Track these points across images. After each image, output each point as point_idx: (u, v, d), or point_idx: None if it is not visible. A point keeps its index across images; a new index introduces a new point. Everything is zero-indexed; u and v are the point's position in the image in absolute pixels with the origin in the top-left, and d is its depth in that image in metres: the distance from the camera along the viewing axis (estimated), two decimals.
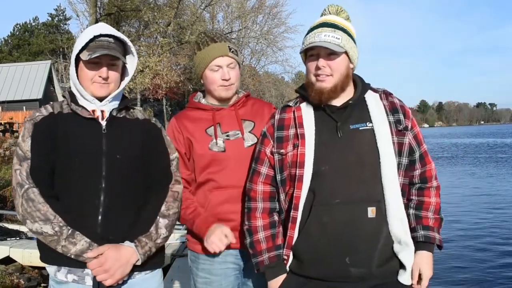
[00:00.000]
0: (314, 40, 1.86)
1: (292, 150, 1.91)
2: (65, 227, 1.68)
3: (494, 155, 30.38)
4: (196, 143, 2.13)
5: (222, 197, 2.12)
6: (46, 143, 1.77)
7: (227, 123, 2.17)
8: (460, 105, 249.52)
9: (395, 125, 1.91)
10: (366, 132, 1.88)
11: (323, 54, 1.87)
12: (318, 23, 1.93)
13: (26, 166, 1.73)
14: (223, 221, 2.12)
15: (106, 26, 1.89)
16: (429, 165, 2.00)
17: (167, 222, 1.86)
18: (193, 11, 23.00)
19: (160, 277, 1.96)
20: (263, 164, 2.00)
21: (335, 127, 1.89)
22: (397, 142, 1.89)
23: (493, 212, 11.63)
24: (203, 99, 2.26)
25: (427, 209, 1.97)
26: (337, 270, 1.85)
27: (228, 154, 2.12)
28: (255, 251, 1.98)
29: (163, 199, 1.88)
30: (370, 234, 1.84)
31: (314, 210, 1.85)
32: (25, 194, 1.70)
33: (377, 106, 1.93)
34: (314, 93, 1.90)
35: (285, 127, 1.97)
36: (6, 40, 48.27)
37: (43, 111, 1.85)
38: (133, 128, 1.92)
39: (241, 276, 2.22)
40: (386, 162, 1.85)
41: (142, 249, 1.77)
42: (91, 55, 1.77)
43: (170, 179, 1.94)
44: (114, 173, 1.81)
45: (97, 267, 1.70)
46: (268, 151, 1.99)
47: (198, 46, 2.18)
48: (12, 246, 6.93)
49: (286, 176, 1.94)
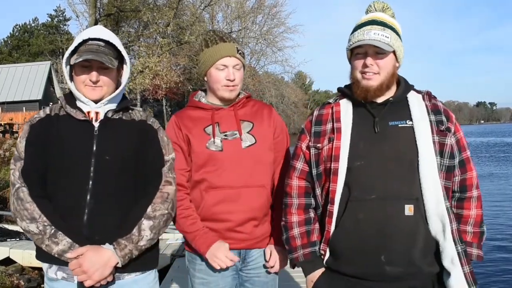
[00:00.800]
0: (363, 37, 1.84)
1: (328, 144, 1.90)
2: (49, 227, 1.73)
3: (495, 154, 30.36)
4: (194, 141, 2.13)
5: (217, 197, 2.12)
6: (39, 144, 1.82)
7: (225, 123, 2.17)
8: (460, 104, 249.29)
9: (437, 124, 1.86)
10: (405, 129, 1.85)
11: (371, 52, 1.85)
12: (366, 20, 1.90)
13: (19, 166, 1.79)
14: (218, 221, 2.12)
15: (100, 29, 1.89)
16: (470, 172, 1.92)
17: (152, 224, 1.84)
18: (192, 12, 22.98)
19: (153, 278, 1.96)
20: (299, 160, 2.01)
21: (373, 122, 1.87)
22: (438, 141, 1.84)
23: (496, 210, 11.63)
24: (203, 98, 2.26)
25: (466, 222, 1.90)
26: (371, 268, 1.81)
27: (225, 154, 2.11)
28: (290, 247, 1.99)
29: (151, 200, 1.87)
30: (406, 232, 1.79)
31: (349, 205, 1.83)
32: (16, 193, 1.76)
33: (419, 106, 1.90)
34: (360, 90, 1.88)
35: (322, 122, 1.97)
36: (5, 41, 48.27)
37: (41, 113, 1.90)
38: (126, 129, 1.93)
39: (239, 277, 2.22)
40: (424, 160, 1.80)
41: (121, 252, 1.77)
42: (78, 59, 1.80)
43: (161, 180, 1.92)
44: (103, 174, 1.82)
45: (76, 267, 1.73)
46: (304, 146, 2.00)
47: (206, 43, 2.17)
48: (12, 247, 6.93)
49: (322, 170, 1.92)
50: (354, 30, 1.91)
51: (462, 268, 1.79)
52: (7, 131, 19.85)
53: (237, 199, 2.12)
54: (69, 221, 1.78)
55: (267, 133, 2.20)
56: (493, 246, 8.35)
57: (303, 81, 65.05)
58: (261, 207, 2.17)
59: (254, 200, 2.14)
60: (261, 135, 2.18)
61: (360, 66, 1.88)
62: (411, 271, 1.81)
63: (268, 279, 2.22)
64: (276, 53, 31.84)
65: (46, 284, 1.87)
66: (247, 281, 2.22)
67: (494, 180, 18.00)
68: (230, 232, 2.12)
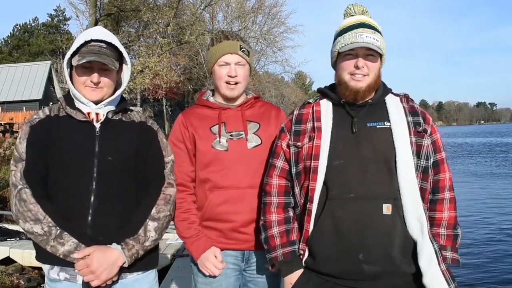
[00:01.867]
0: (356, 40, 1.86)
1: (308, 143, 1.92)
2: (54, 228, 1.72)
3: (496, 155, 30.36)
4: (200, 140, 2.14)
5: (222, 198, 2.12)
6: (40, 145, 1.81)
7: (232, 123, 2.18)
8: (460, 104, 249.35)
9: (414, 125, 1.91)
10: (383, 130, 1.89)
11: (362, 54, 1.88)
12: (354, 22, 1.93)
13: (20, 167, 1.78)
14: (222, 221, 2.12)
15: (101, 31, 1.90)
16: (443, 174, 1.93)
17: (157, 225, 1.87)
18: (192, 11, 22.96)
19: (154, 278, 1.98)
20: (279, 158, 2.02)
21: (351, 123, 1.90)
22: (415, 142, 1.87)
23: (497, 211, 11.62)
24: (211, 97, 2.28)
25: (438, 225, 1.90)
26: (349, 266, 1.82)
27: (230, 154, 2.12)
28: (269, 246, 1.98)
29: (154, 201, 1.90)
30: (384, 231, 1.81)
31: (328, 204, 1.85)
32: (18, 194, 1.74)
33: (397, 108, 1.94)
34: (349, 92, 1.90)
35: (302, 121, 2.00)
36: (6, 41, 48.24)
37: (40, 114, 1.89)
38: (127, 130, 1.94)
39: (242, 277, 2.22)
40: (402, 160, 1.83)
41: (129, 252, 1.79)
42: (80, 61, 1.80)
43: (163, 181, 1.95)
44: (106, 175, 1.83)
45: (83, 268, 1.73)
46: (285, 144, 2.01)
47: (212, 42, 2.23)
48: (12, 246, 6.93)
49: (301, 169, 1.94)
50: (342, 32, 1.92)
51: (440, 266, 1.80)
52: (7, 131, 19.85)
53: (242, 199, 2.12)
54: (72, 221, 1.77)
55: (273, 134, 2.19)
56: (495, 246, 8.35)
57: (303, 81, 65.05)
58: None
59: (258, 201, 2.14)
60: (267, 136, 2.19)
61: (350, 67, 1.90)
62: (389, 270, 1.82)
63: (271, 280, 2.22)
64: (276, 53, 31.85)
65: (48, 285, 1.86)
66: (251, 281, 2.22)
67: (497, 180, 18.01)
68: (233, 233, 2.13)
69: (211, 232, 2.15)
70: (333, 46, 1.98)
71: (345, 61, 1.92)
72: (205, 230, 2.16)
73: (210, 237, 2.15)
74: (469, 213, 11.12)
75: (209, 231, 2.16)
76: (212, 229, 2.15)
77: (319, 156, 1.87)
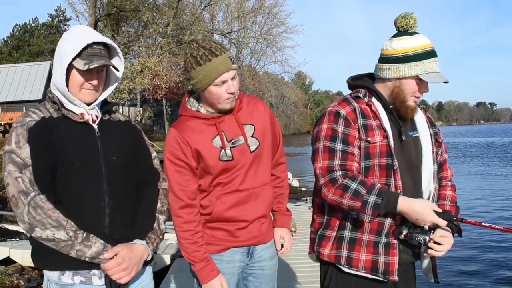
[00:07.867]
0: (436, 70, 1.95)
1: (382, 141, 1.97)
2: (79, 231, 1.69)
3: (497, 154, 30.40)
4: (206, 156, 2.08)
5: (230, 203, 2.12)
6: (44, 148, 1.75)
7: (230, 130, 2.14)
8: (460, 104, 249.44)
9: (435, 137, 2.15)
10: (415, 139, 2.08)
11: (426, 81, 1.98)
12: (429, 48, 1.98)
13: (28, 173, 1.69)
14: (230, 221, 2.13)
15: (94, 32, 1.89)
16: (446, 172, 2.22)
17: (164, 218, 1.97)
18: (192, 12, 23.01)
19: (150, 273, 2.01)
20: (355, 146, 1.98)
21: (398, 130, 2.03)
22: (435, 152, 2.12)
23: (497, 211, 11.64)
24: (201, 107, 2.17)
25: (444, 198, 2.15)
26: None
27: (236, 162, 2.11)
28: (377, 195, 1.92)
29: (157, 196, 1.97)
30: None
31: None
32: (32, 201, 1.66)
33: (421, 118, 2.14)
34: (409, 110, 2.02)
35: (367, 117, 2.02)
36: (6, 41, 48.30)
37: (33, 116, 1.79)
38: (120, 129, 1.96)
39: (242, 271, 2.23)
40: (426, 167, 2.05)
41: (152, 245, 1.87)
42: (90, 65, 1.77)
43: (158, 177, 2.02)
44: (112, 175, 1.84)
45: (114, 267, 1.73)
46: (358, 135, 1.98)
47: (196, 61, 2.03)
48: (12, 247, 6.93)
49: (372, 165, 1.98)
50: (423, 57, 1.95)
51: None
52: (7, 131, 19.89)
53: (248, 201, 2.13)
54: (90, 223, 1.75)
55: (266, 130, 2.20)
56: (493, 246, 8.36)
57: (303, 81, 65.13)
58: (269, 204, 2.22)
59: (262, 199, 2.17)
60: (262, 135, 2.19)
61: (415, 91, 1.98)
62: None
63: (270, 271, 2.26)
64: (276, 53, 31.97)
65: None
66: (251, 274, 2.24)
67: (498, 180, 18.02)
68: (240, 231, 2.14)
69: (218, 232, 2.15)
70: (408, 67, 1.96)
71: (414, 85, 1.98)
72: (210, 230, 2.15)
73: (216, 236, 2.15)
74: (469, 213, 11.12)
75: (215, 231, 2.15)
76: (220, 230, 2.15)
77: (392, 155, 1.96)
